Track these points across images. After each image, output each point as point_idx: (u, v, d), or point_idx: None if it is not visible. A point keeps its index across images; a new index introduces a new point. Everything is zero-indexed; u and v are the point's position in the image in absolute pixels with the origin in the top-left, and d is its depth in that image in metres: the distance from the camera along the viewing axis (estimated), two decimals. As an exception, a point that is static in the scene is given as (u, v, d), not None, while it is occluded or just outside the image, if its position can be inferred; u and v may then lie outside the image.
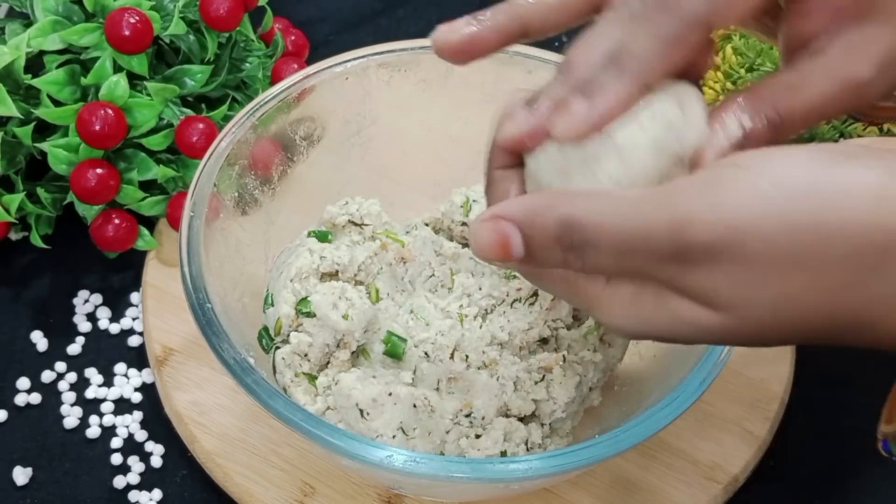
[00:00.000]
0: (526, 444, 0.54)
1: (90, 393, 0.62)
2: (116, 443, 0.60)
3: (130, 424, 0.61)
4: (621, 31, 0.37)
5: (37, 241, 0.65)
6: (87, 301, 0.66)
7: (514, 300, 0.56)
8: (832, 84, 0.37)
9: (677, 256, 0.32)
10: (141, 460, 0.60)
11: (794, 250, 0.31)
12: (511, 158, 0.39)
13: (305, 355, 0.54)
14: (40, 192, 0.65)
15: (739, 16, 0.37)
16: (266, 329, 0.56)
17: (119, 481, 0.59)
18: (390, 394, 0.52)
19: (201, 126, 0.64)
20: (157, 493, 0.59)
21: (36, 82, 0.63)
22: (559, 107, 0.36)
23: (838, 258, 0.31)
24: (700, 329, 0.34)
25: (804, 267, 0.31)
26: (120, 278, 0.67)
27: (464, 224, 0.60)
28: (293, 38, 0.73)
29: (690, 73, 0.38)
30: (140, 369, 0.63)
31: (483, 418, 0.53)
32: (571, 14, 0.41)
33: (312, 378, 0.54)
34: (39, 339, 0.64)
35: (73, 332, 0.65)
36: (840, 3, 0.37)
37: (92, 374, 0.63)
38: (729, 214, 0.31)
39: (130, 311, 0.66)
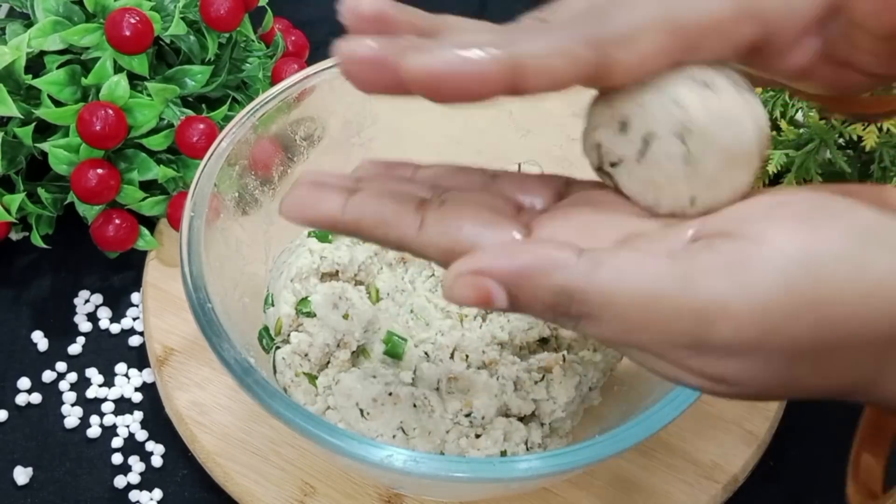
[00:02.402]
0: (526, 444, 0.54)
1: (91, 393, 0.62)
2: (117, 442, 0.60)
3: (131, 424, 0.61)
4: None
5: (37, 241, 0.65)
6: (87, 301, 0.66)
7: (514, 300, 0.56)
8: None
9: (694, 346, 0.30)
10: (141, 460, 0.60)
11: (814, 346, 0.30)
12: None
13: (305, 355, 0.54)
14: (41, 192, 0.65)
15: None
16: (266, 329, 0.56)
17: (119, 481, 0.59)
18: (390, 394, 0.52)
19: (202, 126, 0.64)
20: (157, 493, 0.59)
21: (36, 82, 0.63)
22: None
23: (851, 351, 0.30)
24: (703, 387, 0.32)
25: (815, 360, 0.30)
26: (120, 278, 0.67)
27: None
28: (293, 38, 0.74)
29: None
30: (140, 369, 0.63)
31: (483, 418, 0.53)
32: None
33: (312, 378, 0.54)
34: (40, 339, 0.64)
35: (73, 332, 0.65)
36: None
37: (92, 373, 0.63)
38: (759, 307, 0.29)
39: (131, 311, 0.66)
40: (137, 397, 0.62)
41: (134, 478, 0.59)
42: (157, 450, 0.60)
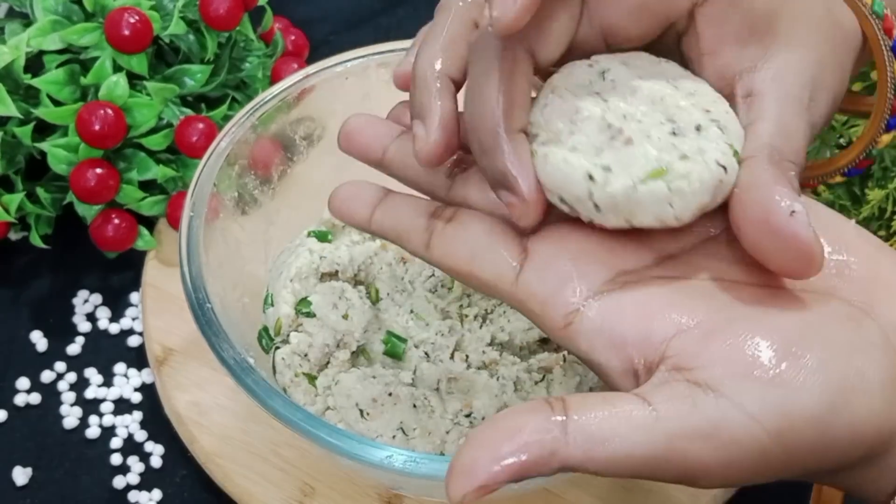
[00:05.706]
0: (526, 444, 0.54)
1: (90, 393, 0.62)
2: (116, 443, 0.60)
3: (130, 424, 0.61)
4: None
5: (36, 241, 0.65)
6: (86, 301, 0.66)
7: (515, 300, 0.56)
8: None
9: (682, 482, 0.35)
10: (141, 460, 0.60)
11: (778, 477, 0.36)
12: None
13: (305, 355, 0.54)
14: (40, 192, 0.65)
15: None
16: (266, 329, 0.56)
17: (119, 481, 0.59)
18: (390, 394, 0.52)
19: (201, 126, 0.64)
20: (156, 494, 0.59)
21: (36, 82, 0.63)
22: None
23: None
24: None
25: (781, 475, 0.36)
26: (120, 278, 0.67)
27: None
28: (293, 37, 0.73)
29: None
30: (140, 369, 0.63)
31: (483, 418, 0.53)
32: None
33: (312, 378, 0.54)
34: (39, 339, 0.64)
35: (72, 332, 0.65)
36: None
37: (91, 374, 0.63)
38: (735, 470, 0.35)
39: (130, 311, 0.66)
40: (136, 397, 0.62)
41: (133, 478, 0.59)
42: (156, 450, 0.60)
